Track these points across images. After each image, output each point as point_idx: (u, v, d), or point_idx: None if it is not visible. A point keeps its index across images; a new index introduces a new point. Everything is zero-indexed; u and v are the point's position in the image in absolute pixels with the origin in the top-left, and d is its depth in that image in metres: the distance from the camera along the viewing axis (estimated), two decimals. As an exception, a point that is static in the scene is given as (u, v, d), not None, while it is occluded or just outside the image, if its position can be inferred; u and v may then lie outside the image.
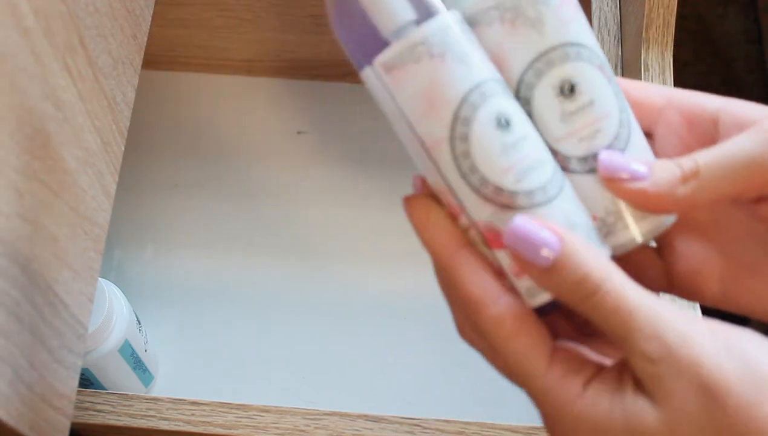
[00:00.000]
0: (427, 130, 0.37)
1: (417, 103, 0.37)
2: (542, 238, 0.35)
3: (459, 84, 0.37)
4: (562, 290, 0.36)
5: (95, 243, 0.52)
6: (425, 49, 0.37)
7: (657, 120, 0.42)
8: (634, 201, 0.38)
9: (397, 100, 0.38)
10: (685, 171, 0.38)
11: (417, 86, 0.37)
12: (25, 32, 0.42)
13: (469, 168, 0.37)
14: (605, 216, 0.39)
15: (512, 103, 0.38)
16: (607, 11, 0.69)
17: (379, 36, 0.37)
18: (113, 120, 0.54)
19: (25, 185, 0.43)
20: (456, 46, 0.37)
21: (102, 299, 0.62)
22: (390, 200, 0.80)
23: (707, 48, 1.12)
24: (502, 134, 0.37)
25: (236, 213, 0.79)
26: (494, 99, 0.37)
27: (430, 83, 0.37)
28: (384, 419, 0.56)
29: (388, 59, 0.37)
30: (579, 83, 0.39)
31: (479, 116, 0.37)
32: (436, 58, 0.37)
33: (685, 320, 0.35)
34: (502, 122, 0.37)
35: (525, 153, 0.37)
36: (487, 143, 0.37)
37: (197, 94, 0.85)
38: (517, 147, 0.37)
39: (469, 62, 0.37)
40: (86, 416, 0.56)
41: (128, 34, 0.56)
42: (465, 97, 0.37)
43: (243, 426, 0.56)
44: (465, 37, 0.38)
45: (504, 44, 0.39)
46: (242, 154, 0.82)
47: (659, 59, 0.60)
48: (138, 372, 0.67)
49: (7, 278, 0.42)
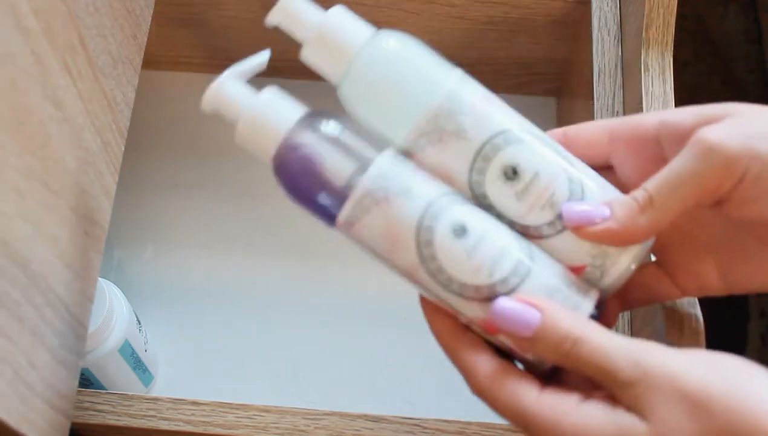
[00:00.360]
0: (400, 262, 0.42)
1: (382, 244, 0.42)
2: (523, 315, 0.40)
3: (410, 215, 0.42)
4: (547, 352, 0.40)
5: (95, 243, 0.52)
6: (370, 199, 0.42)
7: (609, 154, 0.45)
8: (604, 241, 0.42)
9: (368, 245, 0.43)
10: (640, 203, 0.41)
11: (376, 231, 0.42)
12: (25, 32, 0.42)
13: (446, 280, 0.41)
14: (593, 260, 0.43)
15: (464, 207, 0.42)
16: (607, 11, 0.69)
17: (334, 196, 0.42)
18: (113, 120, 0.54)
19: (25, 185, 0.43)
20: (395, 184, 0.42)
21: (102, 299, 0.62)
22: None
23: (707, 48, 1.12)
24: (462, 241, 0.41)
25: (236, 213, 0.79)
26: (445, 213, 0.42)
27: (386, 225, 0.42)
28: (384, 419, 0.56)
29: (345, 218, 0.42)
30: (518, 163, 0.43)
31: (437, 234, 0.41)
32: (381, 202, 0.42)
33: (661, 348, 0.39)
34: (458, 231, 0.41)
35: (488, 247, 0.41)
36: (452, 254, 0.41)
37: (197, 94, 0.84)
38: (479, 246, 0.41)
39: (411, 193, 0.42)
40: (86, 416, 0.56)
41: (128, 34, 0.56)
42: (419, 223, 0.41)
43: (243, 426, 0.56)
44: (401, 170, 0.42)
45: (443, 161, 0.43)
46: (242, 154, 0.81)
47: (659, 59, 0.60)
48: (138, 372, 0.67)
49: (7, 278, 0.42)
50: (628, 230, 0.41)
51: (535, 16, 0.74)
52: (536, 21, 0.74)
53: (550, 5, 0.73)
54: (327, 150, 0.42)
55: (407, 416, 0.56)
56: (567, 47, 0.76)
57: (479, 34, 0.76)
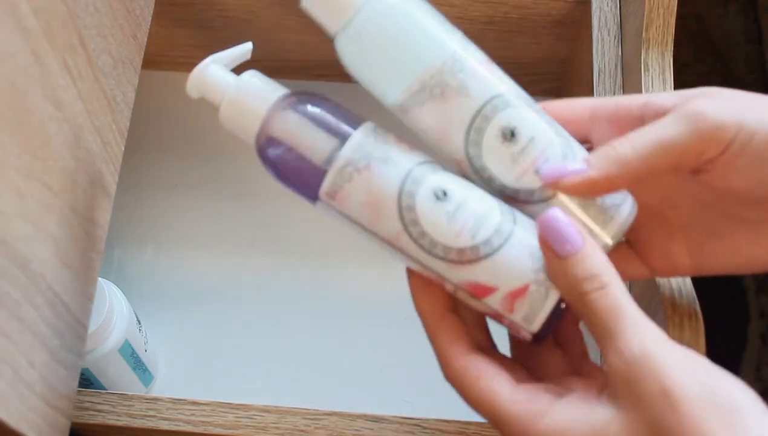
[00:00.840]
0: (384, 230, 0.43)
1: (365, 212, 0.43)
2: (569, 233, 0.40)
3: (391, 181, 0.42)
4: (567, 284, 0.40)
5: (95, 243, 0.52)
6: (352, 167, 0.42)
7: (589, 130, 0.45)
8: (582, 190, 0.42)
9: (351, 216, 0.44)
10: (618, 150, 0.41)
11: (358, 199, 0.43)
12: (25, 32, 0.42)
13: (429, 244, 0.42)
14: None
15: (444, 174, 0.43)
16: (607, 11, 0.69)
17: (316, 171, 0.43)
18: (113, 120, 0.54)
19: (25, 185, 0.43)
20: (376, 152, 0.43)
21: (102, 299, 0.62)
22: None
23: (707, 48, 1.12)
24: (443, 205, 0.42)
25: (236, 213, 0.79)
26: (426, 178, 0.42)
27: (368, 193, 0.42)
28: (384, 419, 0.56)
29: (327, 189, 0.43)
30: (517, 126, 0.43)
31: (419, 199, 0.42)
32: (363, 170, 0.42)
33: (665, 339, 0.38)
34: (439, 195, 0.42)
35: (470, 210, 0.42)
36: (434, 218, 0.42)
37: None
38: (461, 209, 0.42)
39: (392, 160, 0.43)
40: (86, 416, 0.56)
41: (128, 34, 0.56)
42: (400, 189, 0.42)
43: (243, 426, 0.56)
44: (382, 140, 0.43)
45: (442, 117, 0.43)
46: (242, 154, 0.82)
47: (659, 59, 0.60)
48: (138, 372, 0.67)
49: (7, 278, 0.42)
50: (605, 176, 0.41)
51: (535, 16, 0.74)
52: (536, 21, 0.74)
53: (550, 5, 0.73)
54: (308, 127, 0.43)
55: (407, 416, 0.56)
56: (567, 47, 0.76)
57: (479, 34, 0.76)
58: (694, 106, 0.41)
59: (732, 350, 1.02)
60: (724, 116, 0.40)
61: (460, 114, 0.43)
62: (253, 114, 0.44)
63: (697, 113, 0.41)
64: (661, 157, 0.41)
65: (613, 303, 0.38)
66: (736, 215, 0.44)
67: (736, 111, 0.41)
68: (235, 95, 0.45)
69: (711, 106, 0.41)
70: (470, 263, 0.41)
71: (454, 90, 0.43)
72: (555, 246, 0.40)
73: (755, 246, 0.44)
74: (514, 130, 0.43)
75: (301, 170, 0.43)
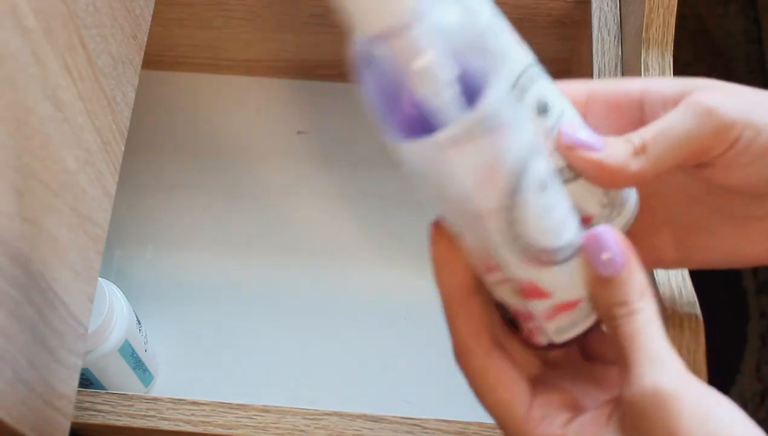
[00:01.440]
0: (482, 201, 0.38)
1: (476, 175, 0.37)
2: (613, 254, 0.39)
3: (516, 155, 0.37)
4: (605, 302, 0.39)
5: (95, 243, 0.52)
6: (484, 124, 0.36)
7: (585, 113, 0.44)
8: (590, 172, 0.41)
9: (454, 172, 0.37)
10: (635, 146, 0.41)
11: (477, 160, 0.37)
12: (25, 32, 0.42)
13: (516, 234, 0.38)
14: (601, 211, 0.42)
15: (545, 159, 0.39)
16: (607, 11, 0.69)
17: (433, 113, 0.36)
18: (113, 120, 0.54)
19: (25, 185, 0.43)
20: (510, 117, 0.37)
21: (102, 299, 0.62)
22: (390, 200, 0.80)
23: (707, 48, 1.12)
24: (543, 196, 0.38)
25: (236, 213, 0.79)
26: (536, 162, 0.38)
27: (490, 157, 0.37)
28: (384, 419, 0.56)
29: (450, 135, 0.36)
30: (549, 100, 0.41)
31: (528, 184, 0.38)
32: (494, 132, 0.37)
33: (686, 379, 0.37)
34: (543, 186, 0.38)
35: (559, 210, 0.39)
36: (534, 210, 0.38)
37: (197, 94, 0.85)
38: (554, 206, 0.39)
39: (521, 131, 0.38)
40: (86, 416, 0.56)
41: (128, 34, 0.56)
42: (521, 166, 0.37)
43: (243, 426, 0.56)
44: (515, 103, 0.38)
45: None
46: (242, 154, 0.82)
47: (659, 59, 0.60)
48: (138, 372, 0.67)
49: (7, 278, 0.42)
50: (617, 169, 0.41)
51: (535, 16, 0.74)
52: (536, 21, 0.74)
53: (550, 5, 0.73)
54: (449, 56, 0.35)
55: (407, 416, 0.56)
56: (567, 47, 0.76)
57: (479, 34, 0.76)
58: (703, 101, 0.41)
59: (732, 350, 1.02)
60: (733, 112, 0.40)
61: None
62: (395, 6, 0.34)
63: (708, 109, 0.40)
64: (671, 154, 0.41)
65: (637, 332, 0.38)
66: (726, 211, 0.44)
67: (743, 107, 0.41)
68: None
69: (719, 101, 0.41)
70: (543, 264, 0.39)
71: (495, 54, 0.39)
72: (596, 266, 0.39)
73: (741, 242, 0.44)
74: (547, 103, 0.41)
75: (413, 103, 0.36)
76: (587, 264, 0.39)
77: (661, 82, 0.43)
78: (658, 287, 0.51)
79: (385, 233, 0.78)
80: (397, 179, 0.81)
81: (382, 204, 0.80)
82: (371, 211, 0.79)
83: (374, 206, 0.80)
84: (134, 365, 0.66)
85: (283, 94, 0.85)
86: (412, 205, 0.79)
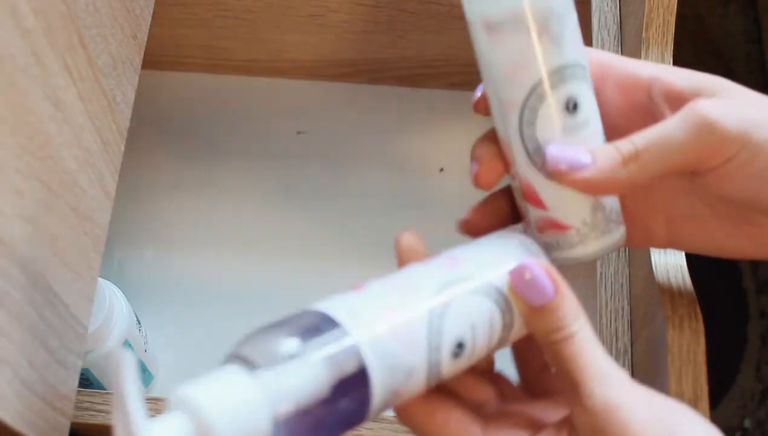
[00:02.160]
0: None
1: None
2: (541, 285, 0.40)
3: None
4: (542, 327, 0.40)
5: (95, 243, 0.52)
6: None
7: (597, 88, 0.44)
8: (580, 188, 0.41)
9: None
10: (624, 155, 0.41)
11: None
12: (25, 32, 0.42)
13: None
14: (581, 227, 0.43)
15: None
16: (607, 11, 0.69)
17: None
18: (113, 120, 0.54)
19: (25, 185, 0.43)
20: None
21: (102, 299, 0.62)
22: (390, 200, 0.80)
23: (707, 48, 1.12)
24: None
25: (236, 213, 0.79)
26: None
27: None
28: (384, 419, 0.56)
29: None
30: (581, 103, 0.42)
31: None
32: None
33: (630, 387, 0.39)
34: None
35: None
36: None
37: (197, 94, 0.85)
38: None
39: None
40: (86, 416, 0.56)
41: (128, 34, 0.56)
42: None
43: (243, 426, 0.55)
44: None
45: (527, 53, 0.41)
46: (242, 154, 0.82)
47: (659, 59, 0.60)
48: (138, 372, 0.67)
49: (7, 278, 0.42)
50: (607, 180, 0.41)
51: (535, 16, 0.74)
52: (536, 21, 0.74)
53: (550, 5, 0.73)
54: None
55: (407, 416, 0.56)
56: (567, 47, 0.76)
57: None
58: (705, 112, 0.40)
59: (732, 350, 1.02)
60: (732, 128, 0.40)
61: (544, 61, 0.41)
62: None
63: (709, 122, 0.40)
64: (664, 164, 0.41)
65: (577, 353, 0.39)
66: (719, 209, 0.44)
67: (745, 124, 0.40)
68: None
69: (722, 113, 0.40)
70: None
71: (550, 36, 0.40)
72: (526, 298, 0.40)
73: (728, 239, 0.44)
74: (577, 104, 0.41)
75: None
76: (517, 298, 0.40)
77: (672, 72, 0.43)
78: (659, 286, 0.51)
79: (384, 232, 0.78)
80: (396, 179, 0.81)
81: (382, 204, 0.80)
82: (371, 211, 0.79)
83: (374, 206, 0.80)
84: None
85: (283, 94, 0.85)
86: (412, 206, 0.79)
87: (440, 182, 0.81)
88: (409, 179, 0.81)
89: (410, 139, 0.83)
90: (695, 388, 0.47)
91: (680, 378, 0.48)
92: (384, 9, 0.76)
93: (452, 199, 0.78)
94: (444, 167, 0.81)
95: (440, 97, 0.84)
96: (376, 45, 0.79)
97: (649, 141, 0.41)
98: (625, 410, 0.37)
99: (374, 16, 0.77)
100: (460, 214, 0.46)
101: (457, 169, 0.81)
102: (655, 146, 0.41)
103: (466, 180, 0.44)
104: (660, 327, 0.50)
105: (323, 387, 0.35)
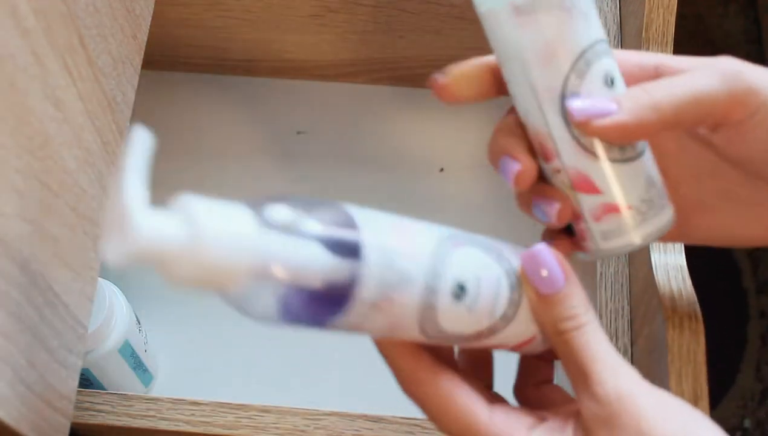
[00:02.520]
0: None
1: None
2: (552, 272, 0.39)
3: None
4: (552, 315, 0.39)
5: (95, 243, 0.52)
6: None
7: None
8: (613, 134, 0.40)
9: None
10: (652, 95, 0.40)
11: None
12: (25, 32, 0.42)
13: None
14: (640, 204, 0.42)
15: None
16: (607, 11, 0.69)
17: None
18: (113, 120, 0.54)
19: (25, 185, 0.43)
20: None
21: (102, 299, 0.62)
22: (390, 200, 0.80)
23: (707, 48, 1.12)
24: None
25: (236, 213, 0.79)
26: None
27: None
28: (384, 419, 0.56)
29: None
30: (615, 77, 0.41)
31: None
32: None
33: (638, 380, 0.38)
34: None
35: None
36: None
37: (197, 94, 0.85)
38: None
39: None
40: (86, 416, 0.56)
41: (128, 34, 0.56)
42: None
43: (243, 426, 0.56)
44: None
45: (563, 31, 0.40)
46: (242, 154, 0.82)
47: (659, 59, 0.60)
48: (138, 372, 0.67)
49: (7, 278, 0.42)
50: (638, 121, 0.40)
51: (535, 16, 0.74)
52: (536, 21, 0.74)
53: (550, 5, 0.73)
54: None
55: (407, 416, 0.56)
56: (567, 47, 0.76)
57: (479, 34, 0.76)
58: (729, 65, 0.40)
59: (732, 350, 1.02)
60: (759, 81, 0.40)
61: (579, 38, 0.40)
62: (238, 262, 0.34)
63: (735, 72, 0.40)
64: (692, 108, 0.40)
65: (590, 343, 0.38)
66: (730, 194, 0.44)
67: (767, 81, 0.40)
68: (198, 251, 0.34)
69: (746, 68, 0.40)
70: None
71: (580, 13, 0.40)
72: (536, 284, 0.39)
73: (740, 225, 0.45)
74: (614, 79, 0.41)
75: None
76: (527, 284, 0.40)
77: (675, 58, 0.43)
78: (659, 286, 0.51)
79: (385, 233, 0.78)
80: (396, 179, 0.81)
81: (382, 204, 0.79)
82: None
83: (374, 207, 0.80)
84: (134, 365, 0.66)
85: (283, 94, 0.85)
86: (412, 206, 0.79)
87: (440, 182, 0.81)
88: (409, 179, 0.81)
89: (410, 139, 0.83)
90: (695, 388, 0.47)
91: (680, 378, 0.48)
92: (384, 9, 0.76)
93: (452, 199, 0.78)
94: (444, 167, 0.81)
95: (440, 97, 0.84)
96: (376, 45, 0.79)
97: (678, 82, 0.41)
98: (638, 399, 0.37)
99: (374, 16, 0.77)
100: (460, 214, 0.46)
101: (457, 169, 0.80)
102: (685, 85, 0.40)
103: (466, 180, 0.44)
104: (660, 327, 0.50)
105: (319, 259, 0.35)
